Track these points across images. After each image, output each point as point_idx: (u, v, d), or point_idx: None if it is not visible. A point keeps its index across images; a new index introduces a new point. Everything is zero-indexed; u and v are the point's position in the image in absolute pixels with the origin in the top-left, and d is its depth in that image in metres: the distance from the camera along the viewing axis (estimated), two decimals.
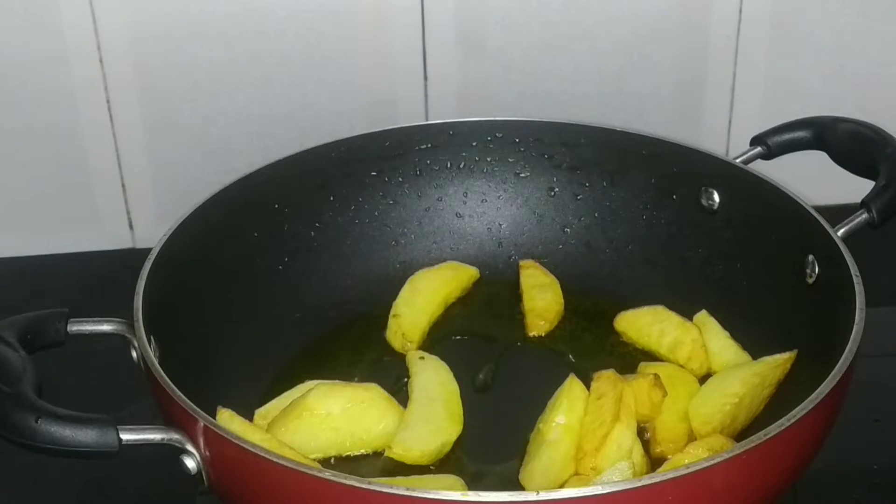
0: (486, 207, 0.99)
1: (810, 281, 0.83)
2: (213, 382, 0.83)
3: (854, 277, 0.76)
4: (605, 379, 0.78)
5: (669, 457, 0.76)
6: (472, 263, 0.98)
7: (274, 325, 0.90)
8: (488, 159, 0.99)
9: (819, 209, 0.84)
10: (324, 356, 0.90)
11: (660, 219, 0.95)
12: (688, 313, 0.90)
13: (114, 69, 1.03)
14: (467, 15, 1.04)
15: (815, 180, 0.92)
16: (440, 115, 1.06)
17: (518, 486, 0.75)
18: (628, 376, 0.80)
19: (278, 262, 0.93)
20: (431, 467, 0.78)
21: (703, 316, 0.88)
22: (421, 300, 0.93)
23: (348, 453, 0.79)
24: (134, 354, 0.75)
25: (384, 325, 0.92)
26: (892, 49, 1.09)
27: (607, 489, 0.60)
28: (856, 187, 0.87)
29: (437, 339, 0.91)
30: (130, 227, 1.10)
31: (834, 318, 0.75)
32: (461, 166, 0.98)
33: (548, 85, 1.08)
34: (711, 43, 1.07)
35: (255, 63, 1.04)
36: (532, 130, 0.98)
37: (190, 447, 0.67)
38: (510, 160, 0.99)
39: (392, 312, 0.91)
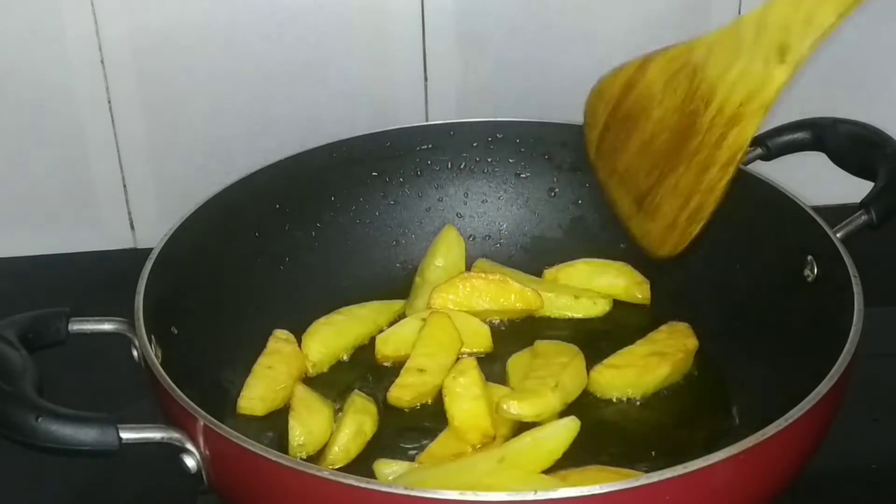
0: (487, 208, 1.00)
1: (809, 281, 0.83)
2: (213, 381, 0.84)
3: (853, 278, 0.76)
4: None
5: None
6: (472, 263, 0.98)
7: (274, 324, 0.90)
8: (489, 160, 0.99)
9: (818, 210, 0.84)
10: None
11: None
12: (688, 314, 0.90)
13: (115, 70, 1.03)
14: (467, 16, 1.04)
15: (815, 181, 0.92)
16: (440, 116, 1.07)
17: None
18: None
19: (279, 262, 0.93)
20: None
21: None
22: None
23: None
24: (135, 353, 0.75)
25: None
26: (892, 49, 1.09)
27: (605, 489, 0.61)
28: (855, 188, 0.87)
29: None
30: (132, 227, 1.10)
31: (833, 319, 0.75)
32: (462, 167, 0.99)
33: (548, 85, 1.08)
34: None
35: (255, 64, 1.04)
36: (532, 131, 0.98)
37: (190, 446, 0.68)
38: (510, 161, 0.99)
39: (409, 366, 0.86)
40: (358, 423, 0.79)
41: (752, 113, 0.73)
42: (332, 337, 0.89)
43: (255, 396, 0.83)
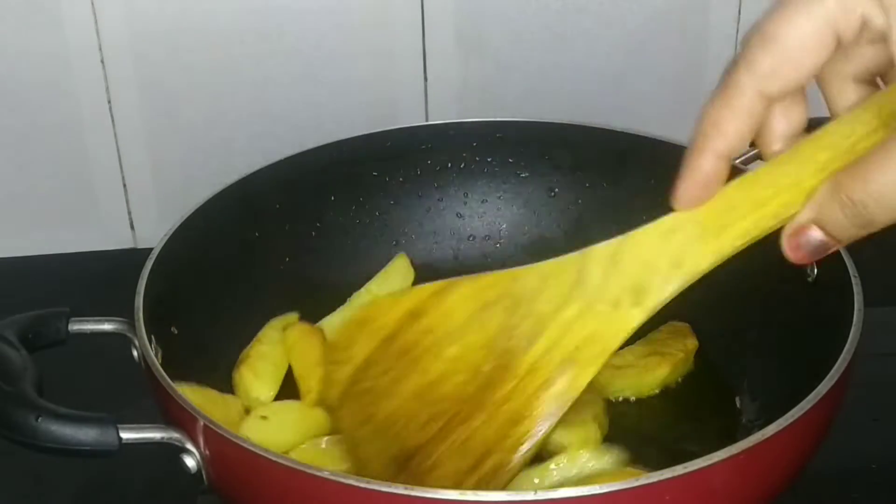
0: (487, 208, 1.00)
1: (809, 281, 0.83)
2: (213, 381, 0.84)
3: (853, 278, 0.76)
4: None
5: None
6: (472, 263, 0.98)
7: None
8: (489, 160, 0.99)
9: None
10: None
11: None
12: (687, 314, 0.90)
13: (115, 69, 1.03)
14: (467, 15, 1.04)
15: None
16: (440, 116, 1.07)
17: None
18: None
19: (279, 262, 0.93)
20: None
21: None
22: None
23: None
24: (135, 353, 0.75)
25: None
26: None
27: (605, 489, 0.60)
28: None
29: None
30: (131, 226, 1.10)
31: (833, 318, 0.75)
32: (461, 167, 0.99)
33: (548, 85, 1.08)
34: (711, 43, 1.07)
35: (255, 63, 1.04)
36: (532, 131, 0.98)
37: (190, 446, 0.67)
38: (510, 161, 0.99)
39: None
40: None
41: (592, 359, 0.60)
42: (271, 370, 0.86)
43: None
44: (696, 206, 0.57)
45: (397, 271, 0.95)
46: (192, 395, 0.70)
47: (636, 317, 0.59)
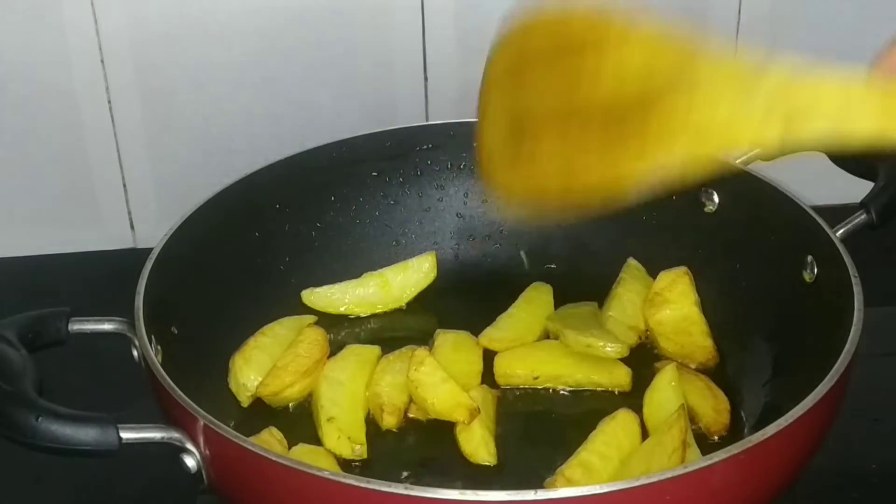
0: (487, 208, 0.99)
1: (809, 281, 0.83)
2: (213, 381, 0.84)
3: (853, 278, 0.76)
4: None
5: None
6: (472, 263, 0.98)
7: None
8: None
9: (818, 210, 0.84)
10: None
11: (660, 220, 0.95)
12: None
13: (115, 69, 1.03)
14: (467, 15, 1.04)
15: (815, 181, 0.92)
16: (441, 116, 1.06)
17: None
18: None
19: (279, 262, 0.93)
20: None
21: None
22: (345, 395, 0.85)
23: None
24: (135, 353, 0.75)
25: (385, 324, 0.93)
26: None
27: (605, 489, 0.61)
28: (855, 188, 0.87)
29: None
30: (132, 227, 1.10)
31: (833, 318, 0.75)
32: (461, 167, 0.99)
33: None
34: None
35: (255, 63, 1.04)
36: None
37: (190, 446, 0.68)
38: None
39: (325, 417, 0.82)
40: None
41: (712, 143, 0.60)
42: (266, 361, 0.86)
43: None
44: (890, 79, 0.55)
45: (420, 266, 0.96)
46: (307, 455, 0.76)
47: (771, 137, 0.58)
